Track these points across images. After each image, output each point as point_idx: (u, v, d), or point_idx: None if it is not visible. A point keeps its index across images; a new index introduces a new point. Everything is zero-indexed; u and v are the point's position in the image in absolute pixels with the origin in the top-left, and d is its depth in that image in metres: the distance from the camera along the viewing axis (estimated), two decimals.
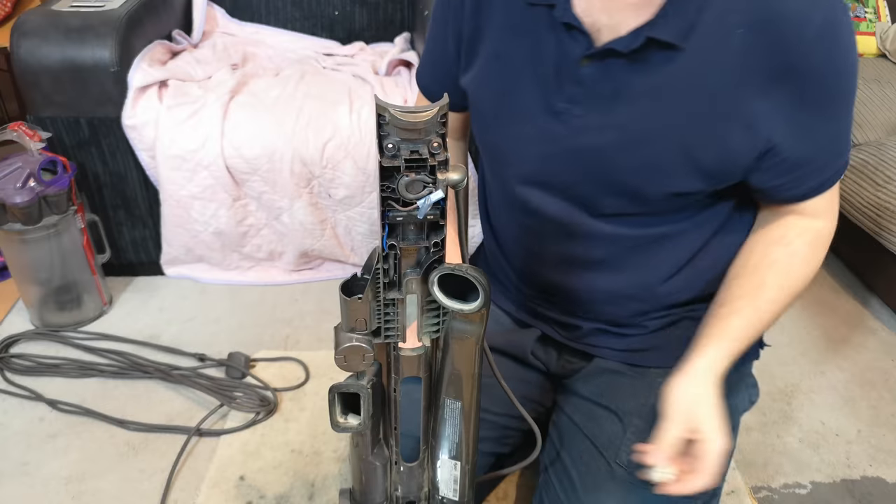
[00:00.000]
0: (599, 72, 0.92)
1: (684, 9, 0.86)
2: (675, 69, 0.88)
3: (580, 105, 0.94)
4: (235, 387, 1.67)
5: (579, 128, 0.95)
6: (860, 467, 1.55)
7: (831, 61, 0.87)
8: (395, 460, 0.95)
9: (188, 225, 1.91)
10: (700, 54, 0.87)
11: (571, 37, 0.92)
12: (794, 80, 0.87)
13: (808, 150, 0.93)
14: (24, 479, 1.45)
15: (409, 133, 0.65)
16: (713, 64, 0.87)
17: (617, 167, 0.96)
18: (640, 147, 0.94)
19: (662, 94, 0.90)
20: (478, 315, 0.78)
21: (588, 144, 0.96)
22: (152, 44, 1.91)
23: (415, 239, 0.73)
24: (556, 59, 0.94)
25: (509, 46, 0.98)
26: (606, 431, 1.09)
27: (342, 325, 0.79)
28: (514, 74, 0.99)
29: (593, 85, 0.93)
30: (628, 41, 0.88)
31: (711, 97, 0.89)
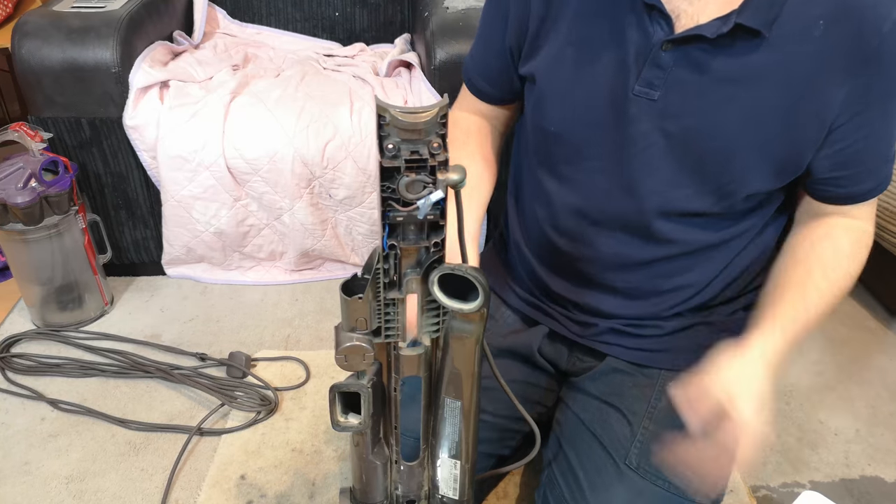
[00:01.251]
0: (681, 57, 0.92)
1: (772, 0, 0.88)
2: (758, 57, 0.90)
3: (659, 89, 0.95)
4: (236, 386, 1.67)
5: (657, 112, 0.96)
6: (859, 466, 1.56)
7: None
8: (396, 459, 0.96)
9: (189, 225, 1.91)
10: (782, 43, 0.89)
11: (653, 19, 0.93)
12: (866, 72, 0.89)
13: (865, 144, 0.96)
14: (26, 479, 1.46)
15: (409, 133, 0.65)
16: (794, 53, 0.89)
17: (692, 154, 0.97)
18: (717, 134, 0.95)
19: (743, 82, 0.91)
20: (477, 314, 0.78)
21: (665, 129, 0.96)
22: (153, 45, 1.91)
23: (415, 239, 0.73)
24: (637, 41, 0.94)
25: (586, 31, 0.98)
26: (615, 431, 1.10)
27: (343, 324, 0.80)
28: (591, 59, 0.99)
29: (674, 69, 0.93)
30: (717, 26, 0.89)
31: (790, 86, 0.90)
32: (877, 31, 0.87)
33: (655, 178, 1.00)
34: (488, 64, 1.14)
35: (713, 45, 0.90)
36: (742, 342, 0.96)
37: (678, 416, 1.10)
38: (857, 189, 1.01)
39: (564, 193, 1.10)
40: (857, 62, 0.89)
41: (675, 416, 1.10)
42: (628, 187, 1.02)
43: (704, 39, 0.90)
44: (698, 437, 0.88)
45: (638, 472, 1.04)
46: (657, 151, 0.98)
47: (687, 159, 0.97)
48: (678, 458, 0.92)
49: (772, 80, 0.91)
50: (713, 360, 0.93)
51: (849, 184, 1.00)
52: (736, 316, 1.16)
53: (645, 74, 0.95)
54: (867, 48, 0.88)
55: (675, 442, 0.91)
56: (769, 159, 0.96)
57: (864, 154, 0.97)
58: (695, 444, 0.89)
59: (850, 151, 0.96)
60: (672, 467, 0.93)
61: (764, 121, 0.93)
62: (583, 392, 1.18)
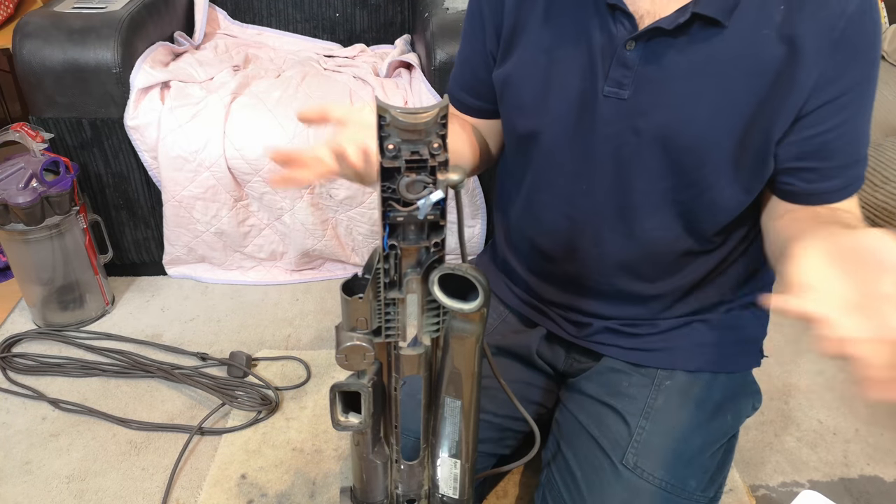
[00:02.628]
0: (646, 54, 0.92)
1: None
2: (722, 47, 0.89)
3: (628, 88, 0.95)
4: (237, 386, 1.68)
5: (627, 111, 0.96)
6: (858, 466, 1.56)
7: (866, 37, 0.88)
8: (396, 458, 0.96)
9: (190, 225, 1.92)
10: (745, 31, 0.88)
11: (616, 19, 0.93)
12: (835, 56, 0.87)
13: (836, 136, 0.93)
14: (27, 478, 1.46)
15: (409, 134, 0.66)
16: (758, 40, 0.88)
17: (667, 150, 0.96)
18: (689, 128, 0.94)
19: (710, 74, 0.91)
20: (477, 314, 0.78)
21: (637, 127, 0.96)
22: (154, 45, 1.92)
23: (415, 239, 0.73)
24: (602, 42, 0.95)
25: (553, 35, 0.99)
26: (612, 432, 1.10)
27: (343, 324, 0.80)
28: (558, 62, 0.99)
29: (639, 67, 0.93)
30: (674, 17, 0.89)
31: (758, 73, 0.90)
32: (842, 12, 0.85)
33: (633, 176, 1.00)
34: (473, 76, 1.14)
35: (674, 37, 0.90)
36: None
37: (674, 414, 1.11)
38: (824, 185, 0.96)
39: (545, 199, 1.10)
40: (826, 45, 0.87)
41: (672, 414, 1.10)
42: (607, 188, 1.02)
43: (665, 32, 0.90)
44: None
45: (635, 472, 1.04)
46: (632, 150, 0.98)
47: (663, 156, 0.97)
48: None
49: (739, 69, 0.90)
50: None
51: (815, 178, 0.96)
52: (732, 314, 1.16)
53: (612, 74, 0.95)
54: (834, 31, 0.86)
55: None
56: (742, 151, 0.94)
57: (834, 147, 0.94)
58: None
59: (819, 142, 0.93)
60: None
61: (735, 111, 0.92)
62: (580, 393, 1.19)
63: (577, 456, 1.12)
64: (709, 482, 1.07)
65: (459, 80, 1.17)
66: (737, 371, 1.18)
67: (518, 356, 1.24)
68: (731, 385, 1.16)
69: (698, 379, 1.14)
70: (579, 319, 1.18)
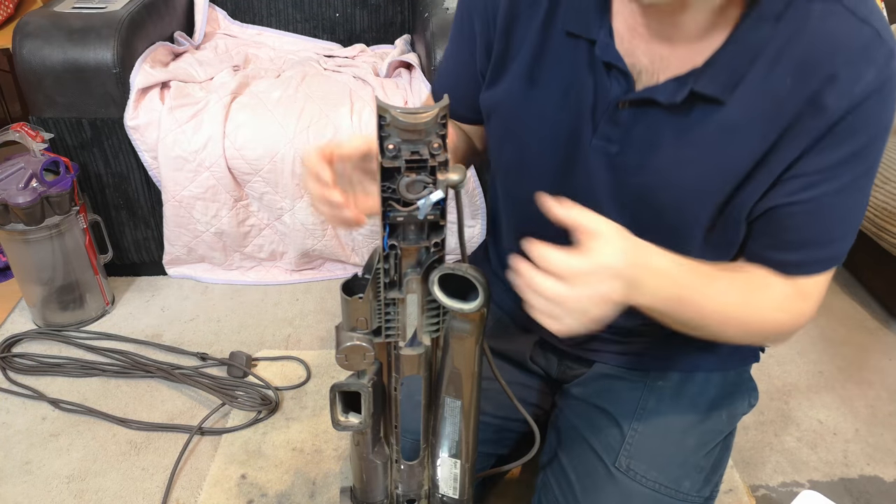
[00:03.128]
0: (639, 115, 0.89)
1: (734, 62, 0.82)
2: (719, 119, 0.85)
3: (616, 144, 0.91)
4: (237, 386, 1.68)
5: (615, 166, 0.93)
6: (858, 466, 1.56)
7: (867, 121, 0.82)
8: (396, 458, 0.96)
9: (190, 225, 1.92)
10: (744, 106, 0.83)
11: (611, 76, 0.89)
12: (829, 134, 0.82)
13: (800, 208, 0.88)
14: (27, 478, 1.46)
15: (409, 134, 0.66)
16: (755, 115, 0.83)
17: (648, 208, 0.93)
18: (674, 193, 0.91)
19: (702, 144, 0.87)
20: (477, 314, 0.78)
21: (622, 182, 0.93)
22: (154, 45, 1.92)
23: (415, 239, 0.74)
24: (593, 96, 0.91)
25: (543, 72, 0.95)
26: (605, 434, 1.10)
27: (343, 324, 0.80)
28: (547, 102, 0.95)
29: (632, 127, 0.90)
30: (671, 93, 0.85)
31: (750, 145, 0.85)
32: (847, 91, 0.79)
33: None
34: (459, 87, 1.09)
35: (669, 110, 0.86)
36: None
37: (666, 415, 1.10)
38: (779, 256, 0.92)
39: (526, 226, 1.06)
40: (821, 124, 0.81)
41: (664, 415, 1.10)
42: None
43: (660, 104, 0.86)
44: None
45: (627, 474, 1.04)
46: (614, 203, 0.95)
47: (643, 213, 0.94)
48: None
49: (732, 142, 0.86)
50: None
51: (769, 245, 0.92)
52: None
53: (602, 129, 0.91)
54: (834, 112, 0.80)
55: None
56: (718, 217, 0.92)
57: (799, 222, 0.89)
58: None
59: (782, 212, 0.89)
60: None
61: (721, 180, 0.88)
62: (574, 397, 1.19)
63: (571, 459, 1.12)
64: (704, 482, 1.07)
65: (444, 87, 1.12)
66: (731, 369, 1.17)
67: (513, 360, 1.24)
68: (725, 383, 1.15)
69: (691, 378, 1.14)
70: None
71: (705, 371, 1.15)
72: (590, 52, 0.89)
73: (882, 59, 0.79)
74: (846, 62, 0.79)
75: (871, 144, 0.84)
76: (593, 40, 0.88)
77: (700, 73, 0.83)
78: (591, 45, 0.89)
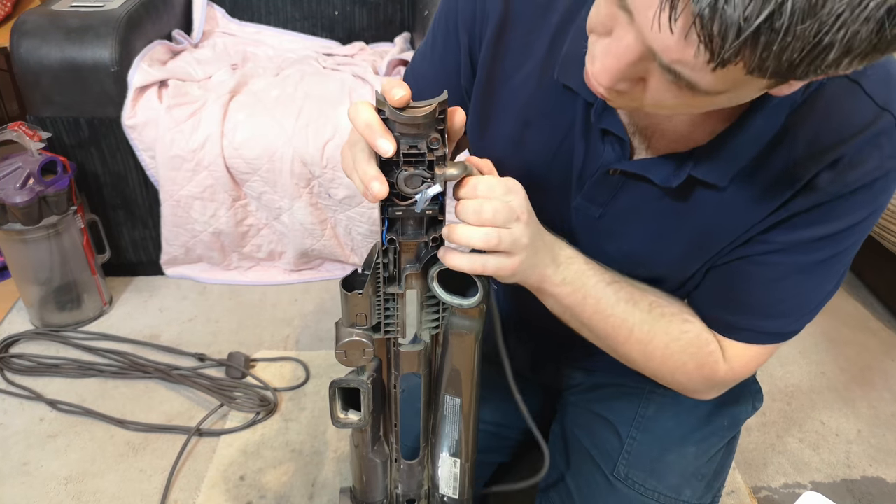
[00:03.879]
0: (629, 184, 0.84)
1: (740, 148, 0.76)
2: (712, 202, 0.81)
3: (600, 208, 0.87)
4: (235, 387, 1.67)
5: (597, 230, 0.89)
6: (860, 467, 1.55)
7: (852, 214, 0.78)
8: (396, 458, 0.95)
9: (188, 225, 1.91)
10: (743, 189, 0.79)
11: (605, 141, 0.83)
12: (809, 212, 0.78)
13: (766, 286, 0.84)
14: (24, 479, 1.45)
15: (408, 128, 0.65)
16: (753, 196, 0.79)
17: (631, 271, 0.90)
18: (655, 261, 0.89)
19: (691, 218, 0.83)
20: (477, 310, 0.78)
21: (602, 247, 0.89)
22: (152, 44, 1.91)
23: (414, 234, 0.73)
24: (583, 158, 0.85)
25: (534, 118, 0.88)
26: (604, 443, 1.09)
27: (343, 320, 0.79)
28: (536, 158, 0.89)
29: (618, 194, 0.85)
30: (667, 176, 0.79)
31: (733, 224, 0.82)
32: (842, 177, 0.75)
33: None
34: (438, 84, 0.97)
35: (663, 189, 0.81)
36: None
37: (665, 423, 1.09)
38: (717, 312, 0.88)
39: None
40: (808, 199, 0.77)
41: (662, 423, 1.09)
42: None
43: (653, 183, 0.81)
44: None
45: (626, 483, 1.03)
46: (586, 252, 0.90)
47: (620, 269, 0.90)
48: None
49: (725, 221, 0.82)
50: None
51: (715, 300, 0.89)
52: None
53: (588, 190, 0.86)
54: (824, 190, 0.76)
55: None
56: (690, 269, 0.90)
57: (751, 287, 0.85)
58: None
59: (727, 270, 0.86)
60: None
61: (704, 252, 0.86)
62: (573, 406, 1.18)
63: (570, 468, 1.11)
64: (705, 489, 1.06)
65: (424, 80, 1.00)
66: None
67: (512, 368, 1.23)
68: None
69: None
70: (564, 342, 1.17)
71: None
72: (585, 111, 0.82)
73: (890, 149, 0.74)
74: (853, 150, 0.74)
75: (855, 227, 0.79)
76: (591, 102, 0.81)
77: (701, 154, 0.77)
78: (587, 106, 0.82)
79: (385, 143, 0.64)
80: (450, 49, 0.93)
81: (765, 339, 0.88)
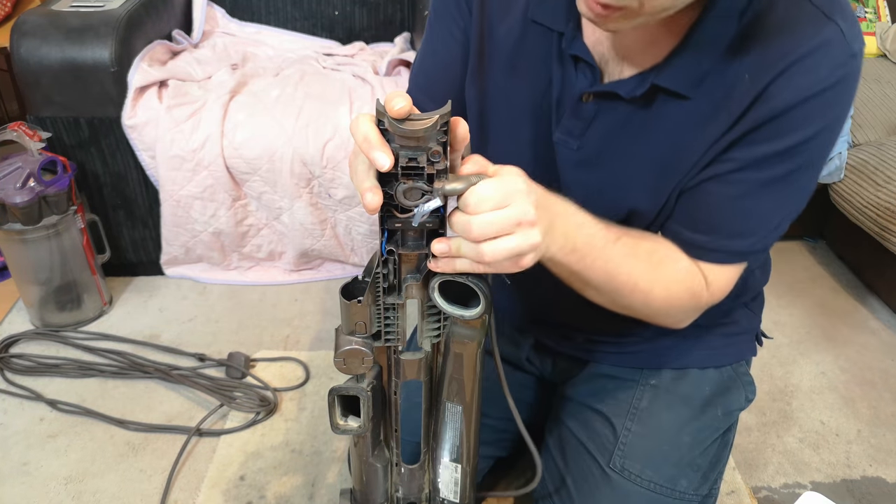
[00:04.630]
0: (602, 109, 0.88)
1: (695, 57, 0.81)
2: (680, 112, 0.85)
3: (577, 139, 0.91)
4: (235, 387, 1.67)
5: (576, 161, 0.93)
6: (860, 467, 1.55)
7: (809, 124, 0.80)
8: (396, 462, 0.95)
9: (188, 225, 1.91)
10: (708, 98, 0.83)
11: (577, 69, 0.88)
12: (766, 126, 0.81)
13: (715, 197, 0.87)
14: (24, 479, 1.45)
15: (408, 140, 0.64)
16: (717, 107, 0.83)
17: (602, 203, 0.90)
18: (627, 185, 0.91)
19: (662, 136, 0.87)
20: (479, 321, 0.77)
21: (581, 179, 0.93)
22: (152, 44, 1.91)
23: (414, 245, 0.72)
24: (559, 88, 0.91)
25: (519, 63, 0.94)
26: (599, 435, 1.09)
27: (342, 327, 0.79)
28: (517, 98, 0.95)
29: (594, 121, 0.90)
30: (632, 86, 0.84)
31: (705, 136, 0.85)
32: (796, 85, 0.78)
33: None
34: (437, 80, 1.05)
35: (631, 102, 0.86)
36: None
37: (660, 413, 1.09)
38: (687, 235, 0.90)
39: None
40: (764, 111, 0.80)
41: (657, 414, 1.09)
42: None
43: (622, 98, 0.85)
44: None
45: (622, 474, 1.04)
46: (578, 199, 0.89)
47: (604, 207, 0.91)
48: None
49: (691, 135, 0.85)
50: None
51: (683, 221, 0.91)
52: (722, 311, 1.12)
53: (564, 123, 0.91)
54: (779, 100, 0.79)
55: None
56: (664, 193, 0.91)
57: (716, 206, 0.87)
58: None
59: (698, 190, 0.88)
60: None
61: (673, 167, 0.88)
62: (568, 399, 1.18)
63: (566, 462, 1.11)
64: (701, 480, 1.07)
65: (422, 81, 1.07)
66: (726, 365, 1.16)
67: (508, 361, 1.24)
68: (720, 379, 1.14)
69: (685, 375, 1.13)
70: (563, 332, 1.18)
71: (699, 368, 1.14)
72: (559, 44, 0.89)
73: (840, 58, 0.77)
74: (802, 56, 0.77)
75: (810, 141, 0.81)
76: (561, 32, 0.88)
77: (661, 68, 0.82)
78: (560, 37, 0.88)
79: (381, 157, 0.64)
80: (449, 34, 0.99)
81: (734, 259, 0.91)
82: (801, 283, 2.16)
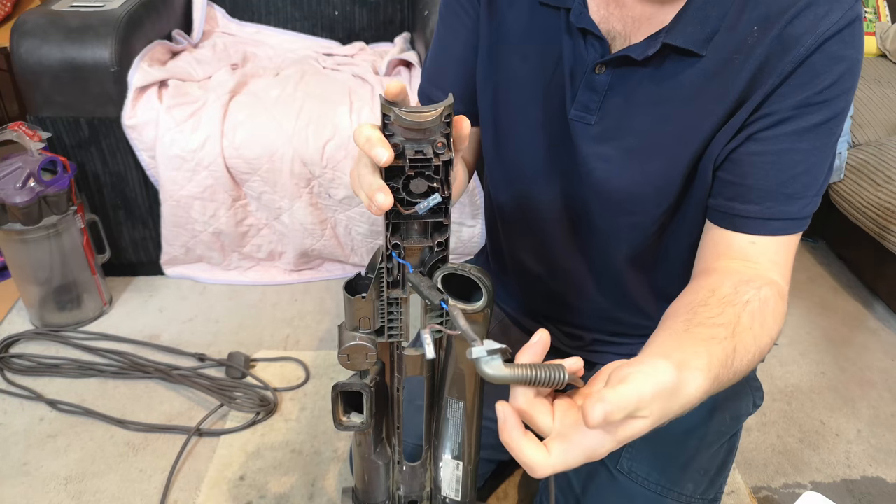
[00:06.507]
0: (616, 79, 0.89)
1: (702, 14, 0.83)
2: (694, 74, 0.86)
3: (594, 114, 0.92)
4: (235, 387, 1.67)
5: (593, 136, 0.93)
6: (860, 467, 1.55)
7: (833, 67, 0.82)
8: (398, 460, 0.95)
9: (188, 225, 1.91)
10: (717, 58, 0.84)
11: (587, 42, 0.90)
12: (795, 74, 0.83)
13: (767, 159, 0.86)
14: (24, 479, 1.45)
15: (413, 133, 0.65)
16: (726, 67, 0.84)
17: (633, 174, 0.93)
18: (655, 152, 0.91)
19: (678, 101, 0.87)
20: (481, 315, 0.78)
21: (603, 154, 0.94)
22: (152, 44, 1.91)
23: (418, 238, 0.73)
24: (571, 64, 0.92)
25: (529, 47, 0.95)
26: None
27: (346, 323, 0.79)
28: (529, 81, 0.96)
29: (609, 93, 0.90)
30: (643, 48, 0.85)
31: (725, 97, 0.85)
32: (812, 26, 0.80)
33: (602, 202, 0.98)
34: (449, 73, 1.06)
35: (644, 66, 0.87)
36: (684, 369, 0.74)
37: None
38: (740, 207, 0.89)
39: (526, 223, 1.08)
40: (789, 57, 0.81)
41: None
42: (581, 213, 1.01)
43: (634, 62, 0.86)
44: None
45: (629, 476, 1.04)
46: (600, 176, 0.94)
47: (628, 180, 0.94)
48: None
49: (707, 96, 0.86)
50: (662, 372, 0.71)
51: (731, 194, 0.89)
52: None
53: (580, 98, 0.92)
54: (800, 43, 0.81)
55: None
56: (693, 170, 0.92)
57: (758, 167, 0.87)
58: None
59: (742, 153, 0.88)
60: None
61: (697, 137, 0.88)
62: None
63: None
64: (709, 484, 1.06)
65: (434, 75, 1.09)
66: None
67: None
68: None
69: None
70: (572, 332, 1.18)
71: None
72: (567, 20, 0.90)
73: (847, 1, 0.81)
74: (810, 3, 0.80)
75: (836, 85, 0.83)
76: (568, 8, 0.90)
77: (670, 28, 0.84)
78: (567, 14, 0.90)
79: (381, 151, 0.64)
80: (459, 27, 1.02)
81: (790, 228, 0.90)
82: (801, 284, 2.16)
